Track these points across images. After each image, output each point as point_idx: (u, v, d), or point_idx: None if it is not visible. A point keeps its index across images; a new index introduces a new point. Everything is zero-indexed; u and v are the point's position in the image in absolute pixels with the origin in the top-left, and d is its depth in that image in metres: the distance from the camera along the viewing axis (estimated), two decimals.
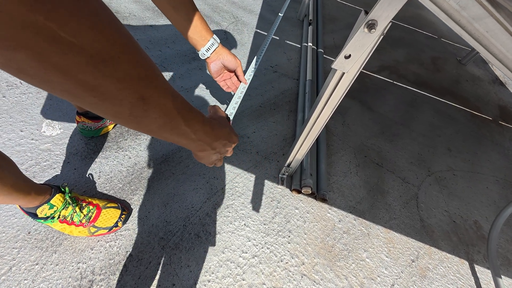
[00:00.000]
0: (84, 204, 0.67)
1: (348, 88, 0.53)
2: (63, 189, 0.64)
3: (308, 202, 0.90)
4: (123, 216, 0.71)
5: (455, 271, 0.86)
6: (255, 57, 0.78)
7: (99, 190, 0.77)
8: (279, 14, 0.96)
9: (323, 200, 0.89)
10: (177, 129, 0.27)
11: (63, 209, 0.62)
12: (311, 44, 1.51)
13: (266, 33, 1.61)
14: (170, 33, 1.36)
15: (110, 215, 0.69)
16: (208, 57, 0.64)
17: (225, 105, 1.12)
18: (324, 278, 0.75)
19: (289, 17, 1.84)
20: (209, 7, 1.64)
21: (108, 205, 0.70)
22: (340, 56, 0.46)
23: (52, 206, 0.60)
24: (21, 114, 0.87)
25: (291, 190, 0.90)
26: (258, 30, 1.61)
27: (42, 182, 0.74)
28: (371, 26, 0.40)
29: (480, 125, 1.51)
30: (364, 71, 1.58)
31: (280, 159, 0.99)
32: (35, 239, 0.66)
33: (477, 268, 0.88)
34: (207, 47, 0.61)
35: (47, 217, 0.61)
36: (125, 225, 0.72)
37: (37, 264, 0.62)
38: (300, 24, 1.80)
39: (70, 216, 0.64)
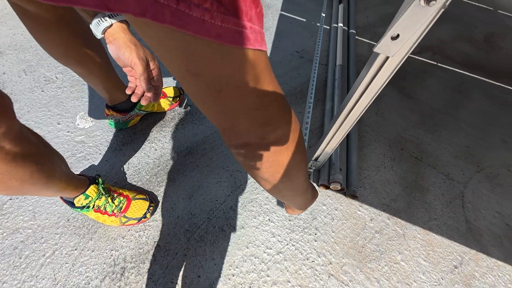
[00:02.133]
0: (115, 195, 0.69)
1: (391, 76, 0.46)
2: (97, 180, 0.67)
3: (337, 199, 0.84)
4: (151, 208, 0.72)
5: (507, 280, 0.76)
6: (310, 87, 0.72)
7: (129, 181, 0.80)
8: None
9: (353, 197, 0.83)
10: (307, 193, 0.40)
11: (97, 199, 0.65)
12: (341, 25, 1.38)
13: (291, 15, 1.50)
14: None
15: (139, 206, 0.71)
16: (101, 37, 0.49)
17: None
18: (353, 279, 0.71)
19: None
20: None
21: (137, 196, 0.72)
22: (385, 37, 0.39)
23: (87, 197, 0.63)
24: (57, 107, 0.92)
25: (318, 185, 0.85)
26: (284, 13, 1.50)
27: (78, 173, 0.79)
28: None
29: None
30: None
31: (306, 151, 0.94)
32: (74, 226, 0.70)
33: None
34: (95, 24, 0.47)
35: (83, 207, 0.64)
36: (153, 216, 0.74)
37: (76, 249, 0.67)
38: (329, 3, 1.65)
39: (103, 206, 0.67)
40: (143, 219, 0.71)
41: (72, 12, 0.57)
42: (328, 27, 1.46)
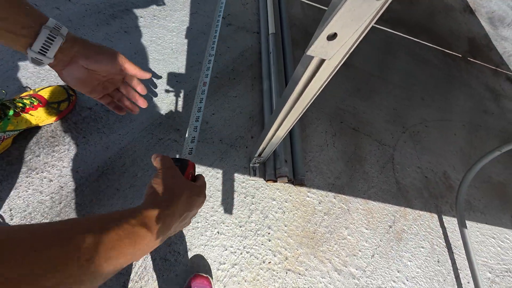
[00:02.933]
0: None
1: (329, 78, 0.36)
2: None
3: (286, 189, 0.81)
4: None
5: (426, 226, 0.90)
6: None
7: None
8: None
9: (301, 184, 0.81)
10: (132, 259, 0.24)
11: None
12: None
13: None
14: None
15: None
16: (52, 62, 0.34)
17: (180, 92, 0.87)
18: (309, 267, 0.73)
19: None
20: None
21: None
22: (319, 37, 0.27)
23: None
24: None
25: (265, 180, 0.79)
26: None
27: None
28: None
29: (451, 64, 1.45)
30: None
31: (248, 143, 0.85)
32: None
33: (445, 218, 0.94)
34: (41, 45, 0.32)
35: None
36: None
37: None
38: None
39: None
40: None
41: None
42: None
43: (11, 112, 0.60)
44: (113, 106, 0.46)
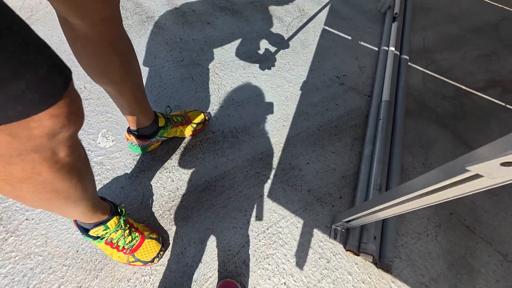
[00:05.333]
0: (132, 229, 0.65)
1: (475, 192, 0.34)
2: (120, 210, 0.63)
3: (366, 268, 0.73)
4: (161, 252, 0.68)
5: None
6: None
7: (141, 215, 0.75)
8: None
9: (386, 270, 0.71)
10: None
11: (113, 232, 0.61)
12: (393, 49, 1.21)
13: (335, 31, 1.34)
14: (227, 33, 1.24)
15: (151, 248, 0.66)
16: None
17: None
18: None
19: (367, 10, 1.50)
20: None
21: (151, 235, 0.68)
22: (491, 161, 0.27)
23: (106, 228, 0.60)
24: None
25: (345, 249, 0.74)
26: (327, 28, 1.35)
27: None
28: None
29: None
30: (465, 88, 1.20)
31: (335, 203, 0.83)
32: (82, 259, 0.68)
33: None
34: None
35: (97, 237, 0.60)
36: (161, 259, 0.69)
37: (80, 286, 0.64)
38: (381, 18, 1.46)
39: (116, 240, 0.63)
40: (150, 263, 0.67)
41: (115, 29, 0.51)
42: (376, 49, 1.29)
43: (170, 125, 0.82)
44: None
